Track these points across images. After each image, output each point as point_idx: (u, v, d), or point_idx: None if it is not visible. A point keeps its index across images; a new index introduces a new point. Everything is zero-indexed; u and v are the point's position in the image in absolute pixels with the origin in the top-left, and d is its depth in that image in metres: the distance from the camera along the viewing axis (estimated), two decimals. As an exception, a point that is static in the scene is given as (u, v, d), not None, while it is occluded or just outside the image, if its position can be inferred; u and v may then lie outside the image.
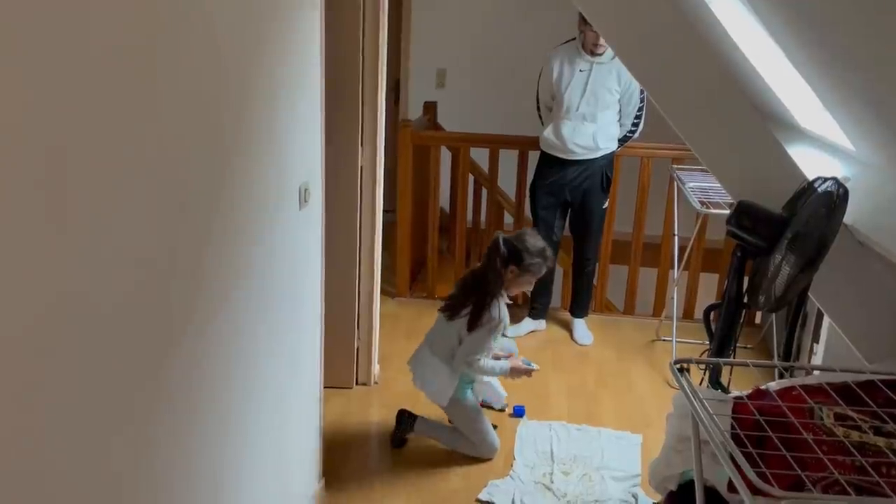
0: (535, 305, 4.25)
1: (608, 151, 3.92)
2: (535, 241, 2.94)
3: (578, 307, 4.31)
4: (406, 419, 3.10)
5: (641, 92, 3.80)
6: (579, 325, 4.27)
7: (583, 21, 3.70)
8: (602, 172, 3.96)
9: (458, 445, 3.05)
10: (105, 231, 1.23)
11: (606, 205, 4.09)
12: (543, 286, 4.21)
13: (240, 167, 1.76)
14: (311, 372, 2.52)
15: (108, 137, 1.23)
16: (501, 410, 3.36)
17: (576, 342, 4.17)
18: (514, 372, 3.04)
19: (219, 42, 1.61)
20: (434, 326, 3.10)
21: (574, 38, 3.84)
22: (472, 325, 2.88)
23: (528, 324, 4.20)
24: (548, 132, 3.90)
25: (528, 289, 3.07)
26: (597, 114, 3.81)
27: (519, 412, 3.41)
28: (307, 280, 2.38)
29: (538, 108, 4.07)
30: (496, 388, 3.32)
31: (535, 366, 3.08)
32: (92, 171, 1.19)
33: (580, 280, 4.25)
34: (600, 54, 3.75)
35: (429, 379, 3.00)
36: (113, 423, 1.32)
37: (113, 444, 1.32)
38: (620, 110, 3.89)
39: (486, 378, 3.13)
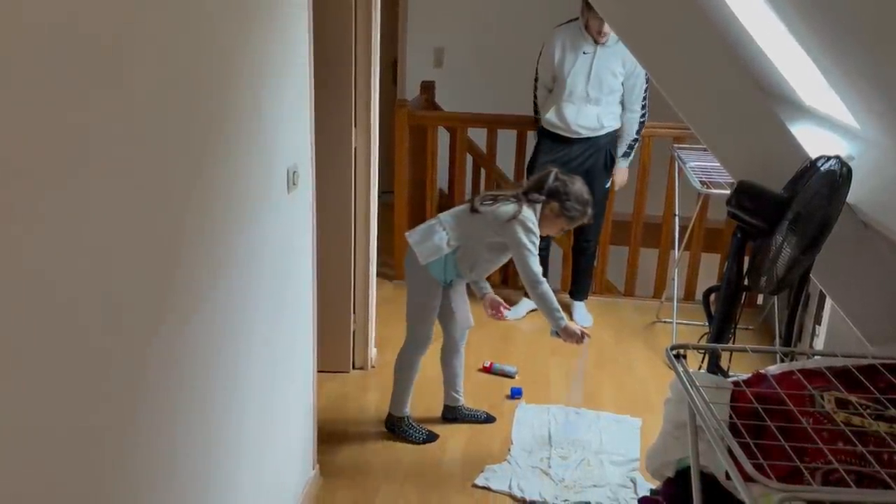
0: None
1: (612, 129, 3.86)
2: (583, 189, 2.86)
3: (578, 290, 4.26)
4: (392, 422, 3.07)
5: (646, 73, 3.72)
6: (579, 307, 4.22)
7: (586, 6, 3.61)
8: (606, 151, 3.91)
9: (399, 361, 3.00)
10: (77, 219, 1.19)
11: (609, 184, 4.04)
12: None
13: (222, 150, 1.70)
14: (304, 358, 2.48)
15: (84, 123, 1.17)
16: (464, 331, 3.05)
17: (576, 323, 4.11)
18: (567, 332, 2.81)
19: (202, 22, 1.55)
20: (453, 210, 2.95)
21: (577, 18, 3.76)
22: (510, 218, 2.74)
23: (526, 303, 4.15)
24: (550, 114, 3.84)
25: (558, 234, 3.03)
26: (601, 97, 3.75)
27: (516, 393, 3.39)
28: (298, 264, 2.34)
29: (535, 88, 4.00)
30: (465, 303, 3.02)
31: (589, 336, 2.85)
32: (64, 157, 1.14)
33: (580, 262, 4.20)
34: (604, 42, 3.67)
35: (423, 233, 2.85)
36: (90, 420, 1.28)
37: (91, 444, 1.29)
38: (624, 94, 3.81)
39: (516, 313, 2.99)
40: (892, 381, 1.55)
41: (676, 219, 4.10)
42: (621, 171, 4.01)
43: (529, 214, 2.77)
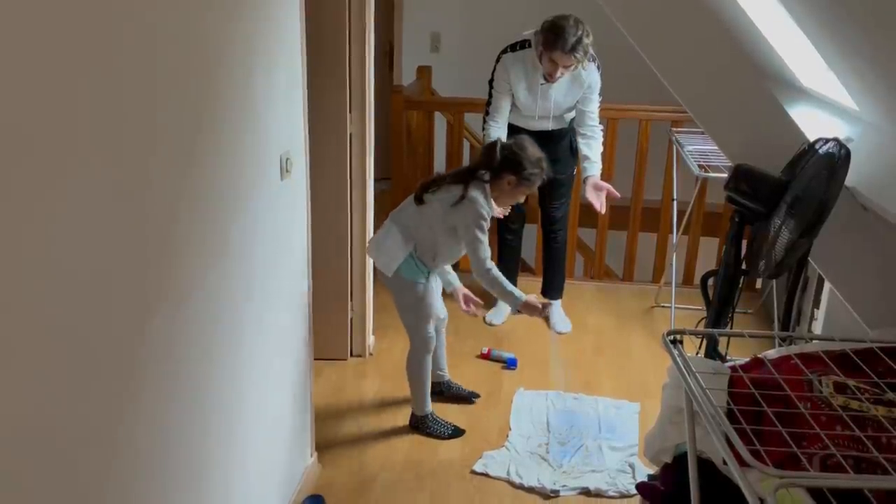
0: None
1: (572, 117, 3.63)
2: (534, 149, 2.72)
3: (551, 287, 3.89)
4: (417, 421, 3.02)
5: (598, 68, 3.46)
6: (555, 309, 3.89)
7: (544, 45, 3.29)
8: (569, 137, 3.68)
9: (410, 366, 2.96)
10: (67, 209, 1.17)
11: (575, 171, 3.80)
12: (511, 264, 3.91)
13: (214, 138, 1.68)
14: (299, 346, 2.47)
15: (73, 113, 1.15)
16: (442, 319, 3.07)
17: (553, 330, 3.86)
18: (528, 307, 2.74)
19: (190, 8, 1.52)
20: (401, 205, 2.87)
21: (528, 43, 3.44)
22: (456, 202, 2.65)
23: (504, 307, 3.89)
24: (512, 118, 3.61)
25: (520, 201, 2.87)
26: (560, 114, 3.57)
27: (512, 363, 3.42)
28: (292, 252, 2.33)
29: (490, 96, 3.62)
30: (450, 280, 3.01)
31: (551, 304, 2.77)
32: (53, 146, 1.12)
33: (551, 254, 3.88)
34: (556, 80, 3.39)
35: (381, 243, 2.78)
36: (83, 410, 1.27)
37: (84, 434, 1.28)
38: (586, 100, 3.53)
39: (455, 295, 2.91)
40: (890, 366, 1.54)
41: (675, 203, 4.08)
42: (596, 179, 3.54)
43: (476, 195, 2.66)
